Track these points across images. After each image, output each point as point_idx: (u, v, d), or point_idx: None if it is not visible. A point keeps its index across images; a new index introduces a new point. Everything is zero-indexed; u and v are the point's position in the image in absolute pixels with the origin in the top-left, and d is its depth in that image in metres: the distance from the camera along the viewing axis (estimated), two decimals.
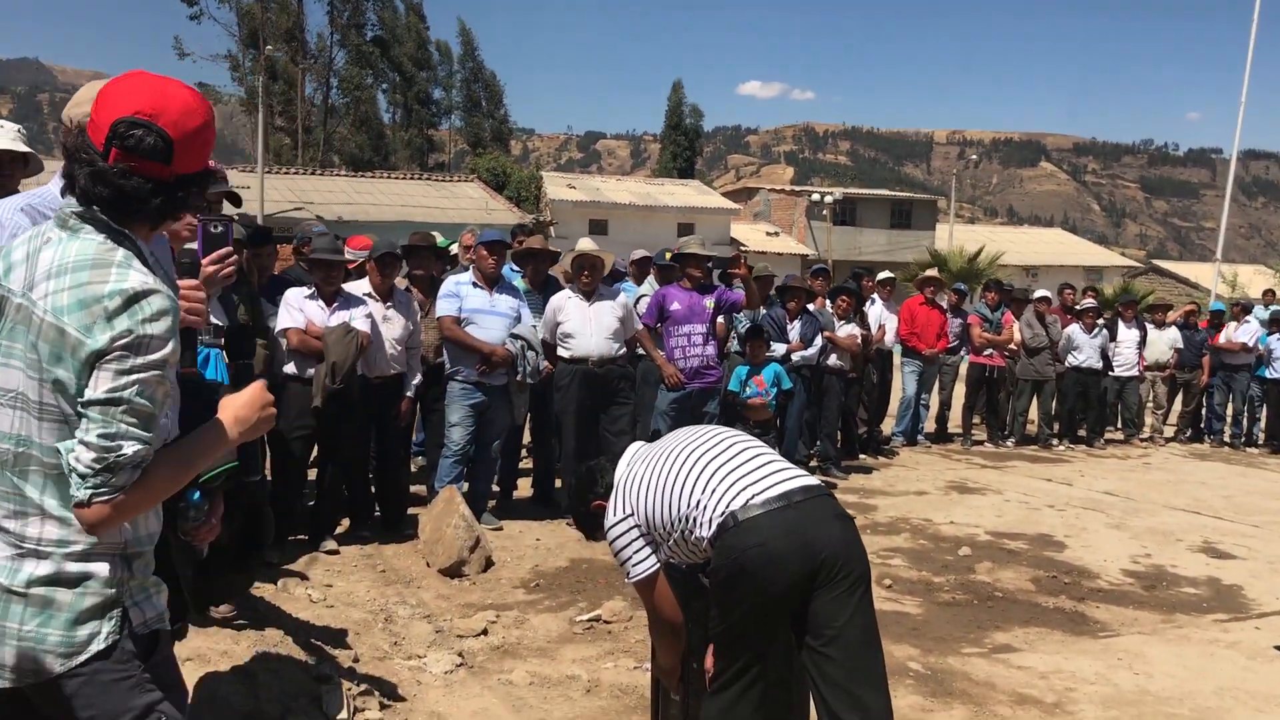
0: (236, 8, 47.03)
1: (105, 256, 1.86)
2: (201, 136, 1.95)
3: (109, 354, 1.80)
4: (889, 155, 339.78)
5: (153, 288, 1.85)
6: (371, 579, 5.87)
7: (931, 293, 11.72)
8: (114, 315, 1.81)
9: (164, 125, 1.88)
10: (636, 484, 3.19)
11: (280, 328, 6.26)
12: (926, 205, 48.85)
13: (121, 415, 1.80)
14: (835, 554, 2.87)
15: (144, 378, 1.82)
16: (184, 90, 1.96)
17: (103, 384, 1.80)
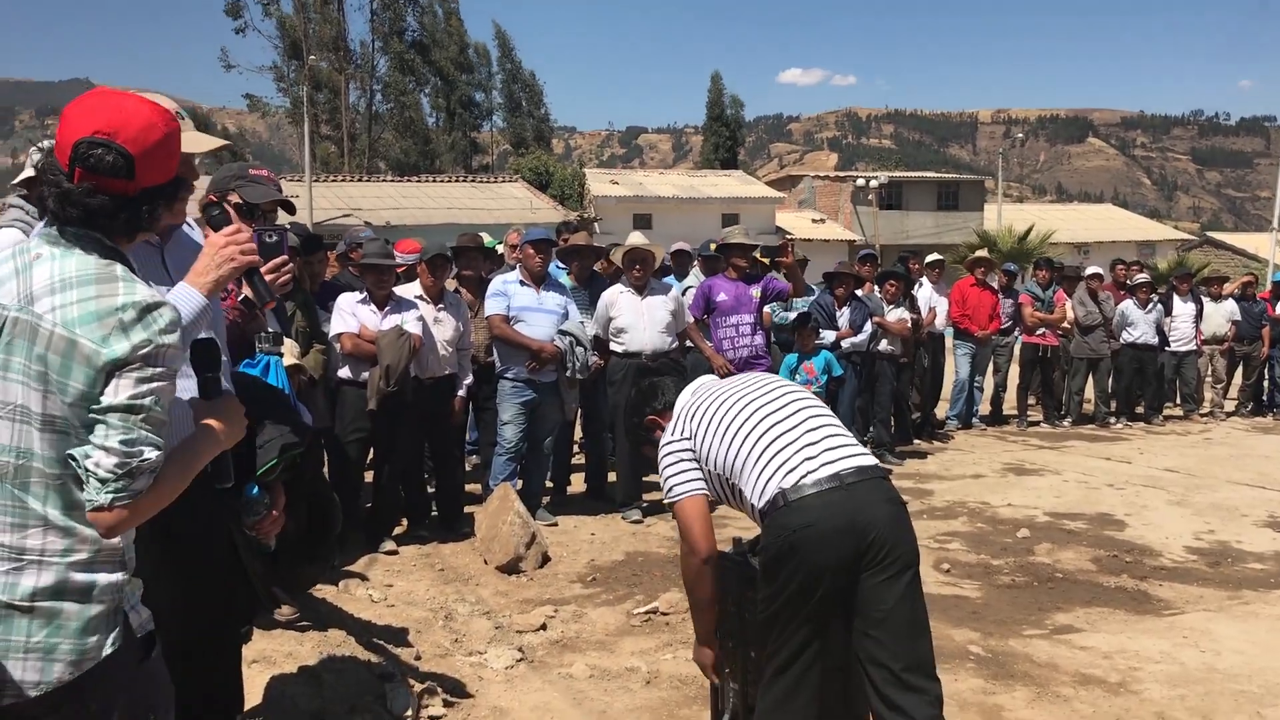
0: (279, 20, 47.59)
1: (106, 271, 1.91)
2: (164, 149, 1.99)
3: (130, 363, 1.85)
4: (933, 137, 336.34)
5: (162, 300, 1.93)
6: (430, 578, 5.94)
7: (982, 274, 11.59)
8: (130, 326, 1.86)
9: (123, 143, 1.91)
10: (698, 419, 3.20)
11: (334, 333, 6.35)
12: (973, 186, 48.27)
13: (141, 422, 1.86)
14: (884, 536, 2.87)
15: (161, 386, 1.89)
16: (143, 105, 1.99)
17: (124, 392, 1.85)
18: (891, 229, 42.83)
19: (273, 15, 47.69)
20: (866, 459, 3.02)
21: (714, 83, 59.13)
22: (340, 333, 6.35)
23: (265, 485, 2.79)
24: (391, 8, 49.52)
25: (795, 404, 3.15)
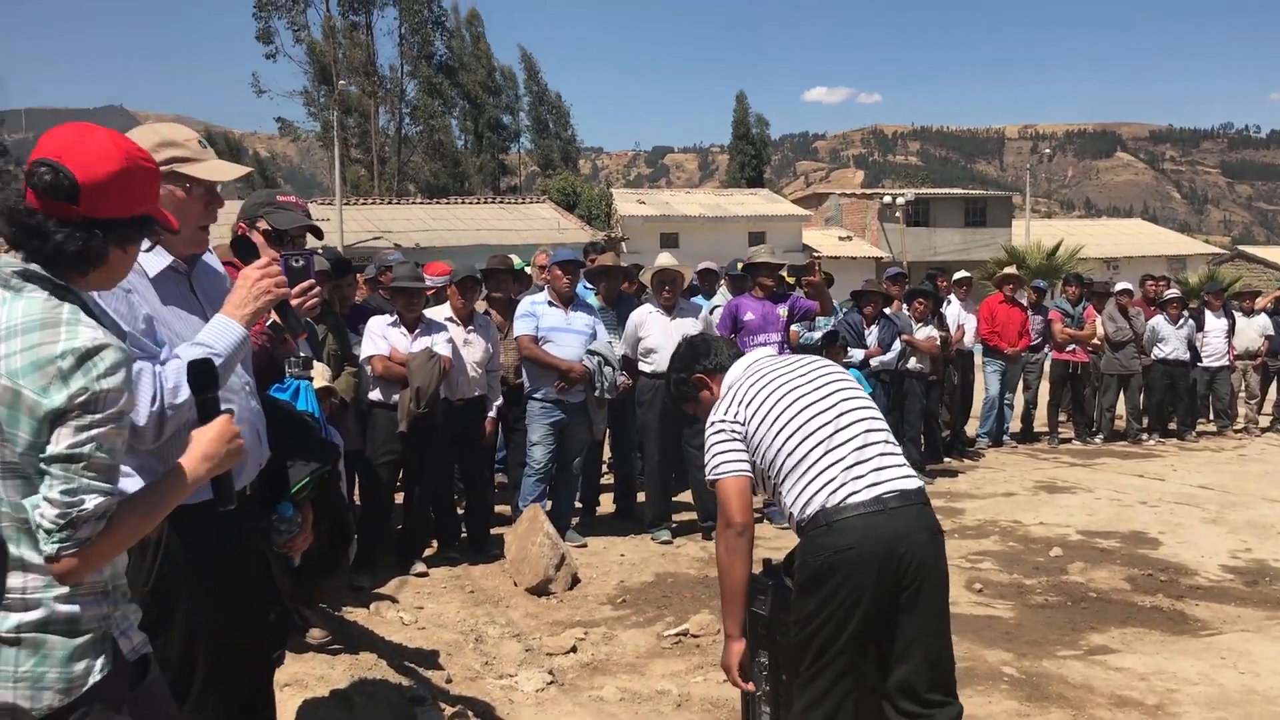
0: (308, 45, 48.07)
1: (53, 315, 1.88)
2: (121, 182, 1.95)
3: (68, 412, 1.84)
4: (960, 153, 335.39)
5: (104, 342, 1.89)
6: (461, 600, 5.95)
7: (1011, 290, 11.54)
8: (69, 374, 1.84)
9: (70, 166, 1.90)
10: (753, 408, 3.16)
11: (365, 355, 6.39)
12: (1001, 202, 48.06)
13: (81, 471, 1.84)
14: (921, 564, 2.92)
15: (102, 433, 1.87)
16: (106, 138, 1.98)
17: (63, 441, 1.84)
18: (919, 246, 42.70)
19: (303, 41, 48.22)
20: (911, 481, 3.04)
21: (739, 102, 59.26)
22: (371, 355, 6.39)
23: (296, 504, 2.84)
24: (420, 32, 49.93)
25: (851, 410, 3.12)
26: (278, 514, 2.80)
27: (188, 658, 2.61)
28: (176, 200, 2.55)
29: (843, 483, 2.97)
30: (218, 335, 2.47)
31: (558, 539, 6.29)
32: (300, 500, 2.86)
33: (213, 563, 2.64)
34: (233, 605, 2.69)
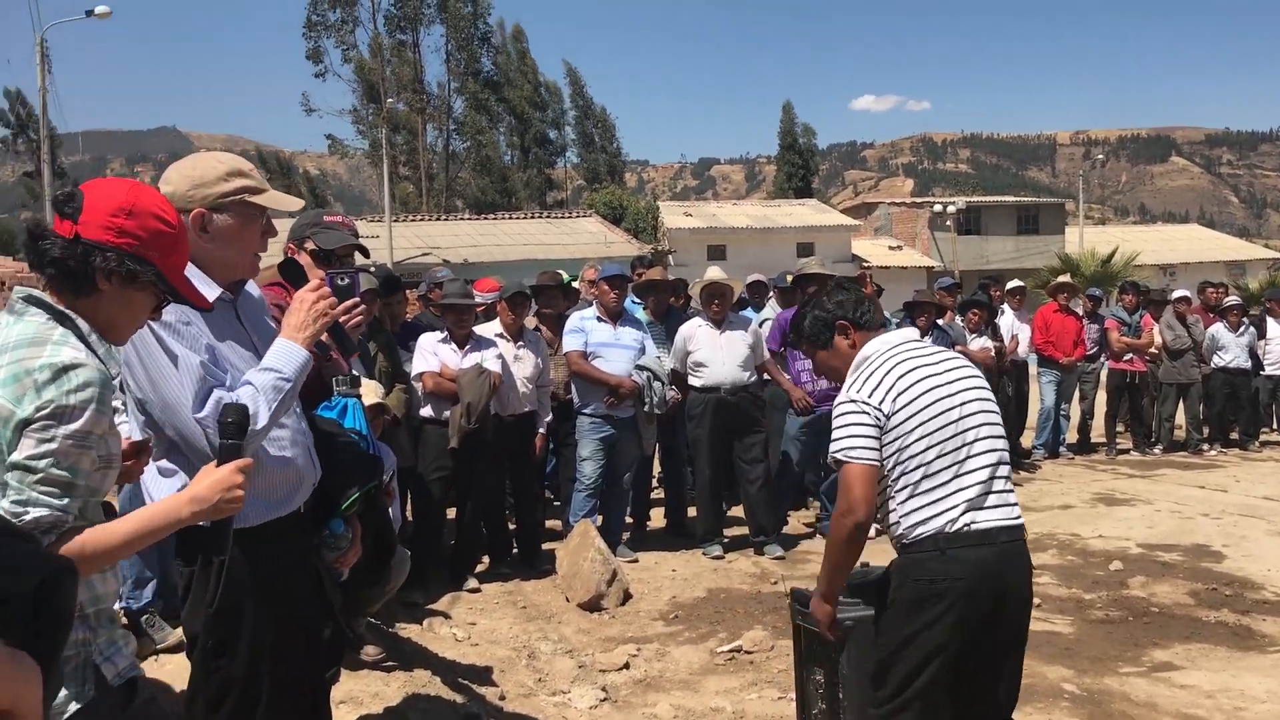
0: (356, 64, 48.67)
1: (44, 334, 1.93)
2: (120, 218, 2.01)
3: (33, 423, 1.85)
4: (1011, 160, 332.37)
5: (82, 362, 1.90)
6: (513, 616, 5.95)
7: (1065, 299, 11.37)
8: (42, 387, 1.86)
9: (84, 190, 2.02)
10: (900, 394, 3.04)
11: (416, 372, 6.44)
12: (1053, 209, 47.53)
13: (33, 483, 1.84)
14: (1020, 600, 3.03)
15: (62, 448, 1.86)
16: (132, 185, 2.09)
17: (24, 451, 1.84)
18: (970, 254, 42.30)
19: (351, 60, 48.84)
20: (1016, 515, 3.06)
21: (786, 112, 59.13)
22: (422, 372, 6.43)
23: (345, 520, 2.86)
24: (466, 48, 50.38)
25: (984, 431, 3.06)
26: (329, 531, 2.82)
27: (253, 678, 2.63)
28: (240, 228, 2.59)
29: (964, 511, 2.95)
30: (285, 360, 2.49)
31: (609, 554, 6.28)
32: (349, 516, 2.88)
33: (275, 582, 2.66)
34: (293, 623, 2.71)
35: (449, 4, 48.95)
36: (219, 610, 2.61)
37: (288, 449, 2.66)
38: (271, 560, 2.66)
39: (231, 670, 2.61)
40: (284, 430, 2.64)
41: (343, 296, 2.76)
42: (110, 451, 2.01)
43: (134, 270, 2.02)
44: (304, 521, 2.79)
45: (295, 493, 2.71)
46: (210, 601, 2.59)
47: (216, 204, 2.55)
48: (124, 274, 2.02)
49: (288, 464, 2.66)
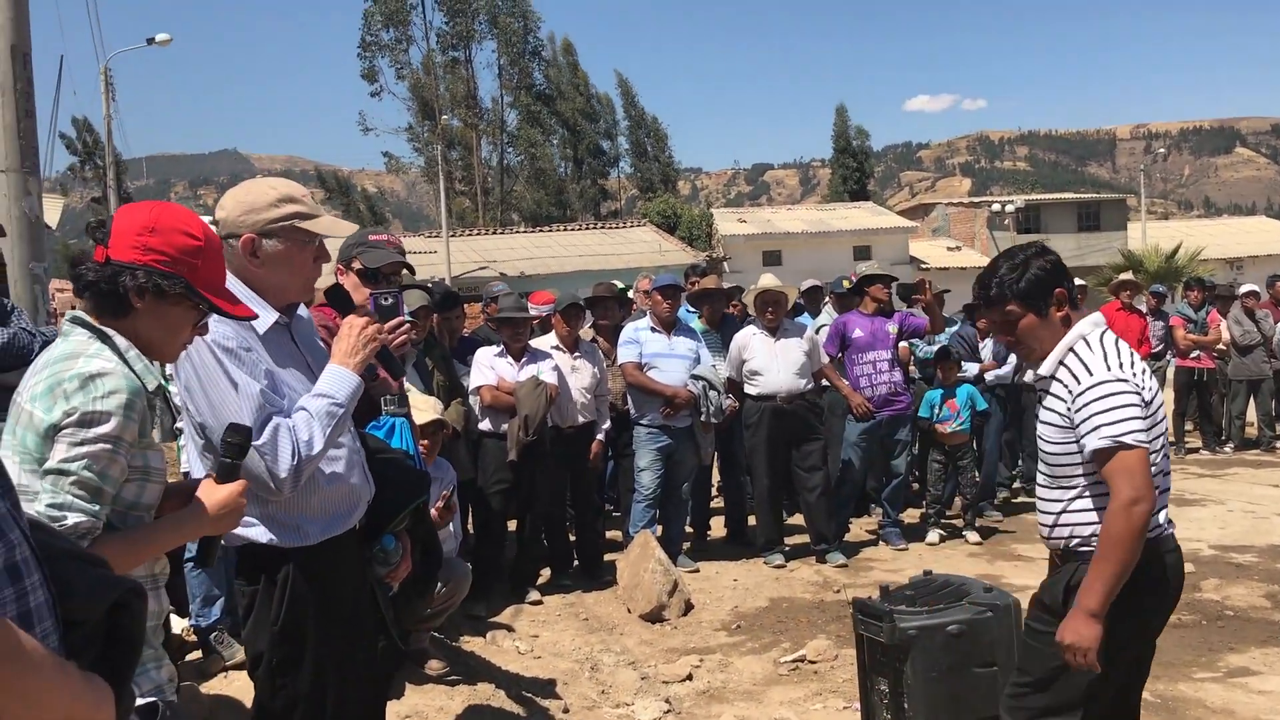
0: (411, 82, 49.25)
1: (79, 349, 2.03)
2: (145, 237, 2.08)
3: (63, 428, 1.93)
4: (1070, 156, 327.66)
5: (110, 370, 1.99)
6: (575, 628, 5.95)
7: (1128, 297, 11.16)
8: (71, 394, 1.95)
9: (116, 221, 2.11)
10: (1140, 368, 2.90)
11: (473, 386, 6.49)
12: (1115, 205, 46.72)
13: (69, 486, 1.92)
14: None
15: (92, 451, 1.94)
16: (155, 206, 2.16)
17: (56, 455, 1.93)
18: None
19: (405, 78, 49.45)
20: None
21: (839, 115, 58.73)
22: (479, 386, 6.48)
23: (396, 536, 2.90)
24: (518, 63, 50.78)
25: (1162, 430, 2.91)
26: (380, 546, 2.85)
27: (317, 694, 2.66)
28: (291, 253, 2.62)
29: (1165, 513, 2.89)
30: (338, 385, 2.55)
31: (669, 565, 6.26)
32: (399, 531, 2.92)
33: (336, 598, 2.70)
34: (354, 638, 2.74)
35: (500, 19, 49.41)
36: (283, 628, 2.66)
37: (343, 468, 2.70)
38: (332, 577, 2.70)
39: (297, 687, 2.65)
40: (340, 450, 2.69)
41: (387, 316, 2.80)
42: (149, 465, 2.08)
43: (161, 285, 2.09)
44: (359, 537, 2.82)
45: (353, 511, 2.75)
46: (274, 619, 2.65)
47: (266, 229, 2.59)
48: (153, 289, 2.08)
49: (345, 483, 2.70)
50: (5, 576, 1.36)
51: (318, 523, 2.67)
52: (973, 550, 7.41)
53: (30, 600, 1.40)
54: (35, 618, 1.40)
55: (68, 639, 1.49)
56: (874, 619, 3.83)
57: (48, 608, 1.43)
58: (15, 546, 1.38)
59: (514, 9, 50.21)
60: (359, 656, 2.77)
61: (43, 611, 1.42)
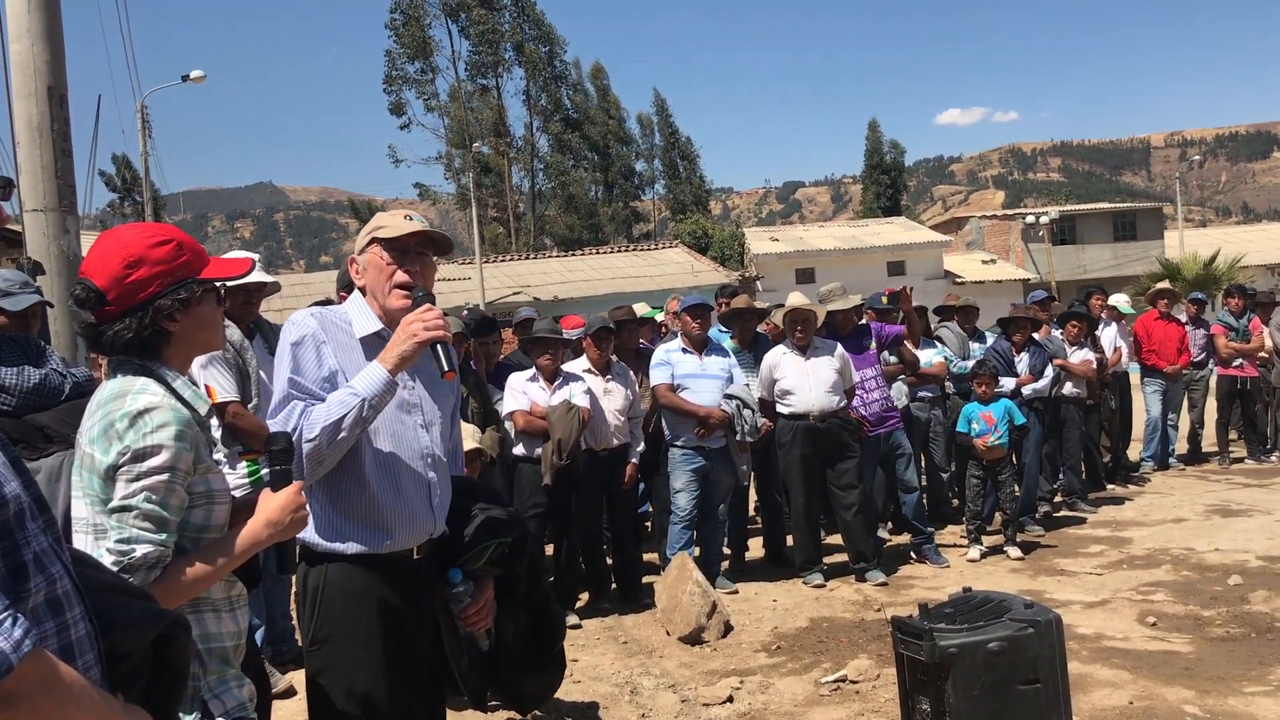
0: (440, 112, 49.72)
1: (126, 388, 2.10)
2: (128, 273, 2.12)
3: (120, 466, 2.02)
4: (1104, 166, 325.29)
5: (158, 405, 2.06)
6: (615, 651, 5.94)
7: (1166, 306, 11.03)
8: (123, 433, 2.03)
9: (91, 277, 2.14)
10: None
11: (506, 411, 6.51)
12: (1151, 214, 46.24)
13: (133, 520, 2.00)
14: None
15: (150, 484, 2.02)
16: (109, 243, 2.18)
17: (118, 493, 2.01)
18: (1067, 264, 41.40)
19: (434, 110, 49.94)
20: None
21: (872, 130, 58.70)
22: (512, 411, 6.50)
23: (472, 574, 2.84)
24: (546, 89, 51.14)
25: None
26: (446, 579, 2.81)
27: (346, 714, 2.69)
28: (374, 265, 2.82)
29: None
30: (364, 379, 2.65)
31: (708, 586, 6.24)
32: (477, 571, 2.84)
33: (372, 618, 2.71)
34: (392, 665, 2.74)
35: (525, 47, 49.81)
36: (314, 641, 2.73)
37: (380, 482, 2.74)
38: (366, 595, 2.72)
39: (328, 708, 2.70)
40: (399, 467, 2.75)
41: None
42: (211, 488, 2.15)
43: (183, 297, 2.18)
44: (417, 564, 2.81)
45: (394, 532, 2.75)
46: (307, 631, 2.73)
47: (362, 251, 2.85)
48: (180, 303, 2.17)
49: (381, 496, 2.73)
50: (47, 609, 1.39)
51: (353, 529, 2.72)
52: (1014, 566, 7.33)
53: (72, 633, 1.42)
54: (77, 650, 1.42)
55: (114, 672, 1.52)
56: (914, 638, 3.79)
57: (90, 640, 1.45)
58: (57, 580, 1.41)
59: (538, 35, 50.63)
60: (398, 684, 2.75)
61: (84, 644, 1.44)
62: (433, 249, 2.86)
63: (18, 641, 1.23)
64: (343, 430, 2.59)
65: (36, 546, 1.38)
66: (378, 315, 2.82)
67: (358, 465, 2.72)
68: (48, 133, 5.79)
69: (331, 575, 2.73)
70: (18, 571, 1.34)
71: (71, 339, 5.80)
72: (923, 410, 8.67)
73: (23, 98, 5.79)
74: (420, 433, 2.83)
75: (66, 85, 5.96)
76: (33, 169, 5.79)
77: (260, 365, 4.91)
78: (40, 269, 5.66)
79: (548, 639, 3.06)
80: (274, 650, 5.42)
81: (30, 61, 5.77)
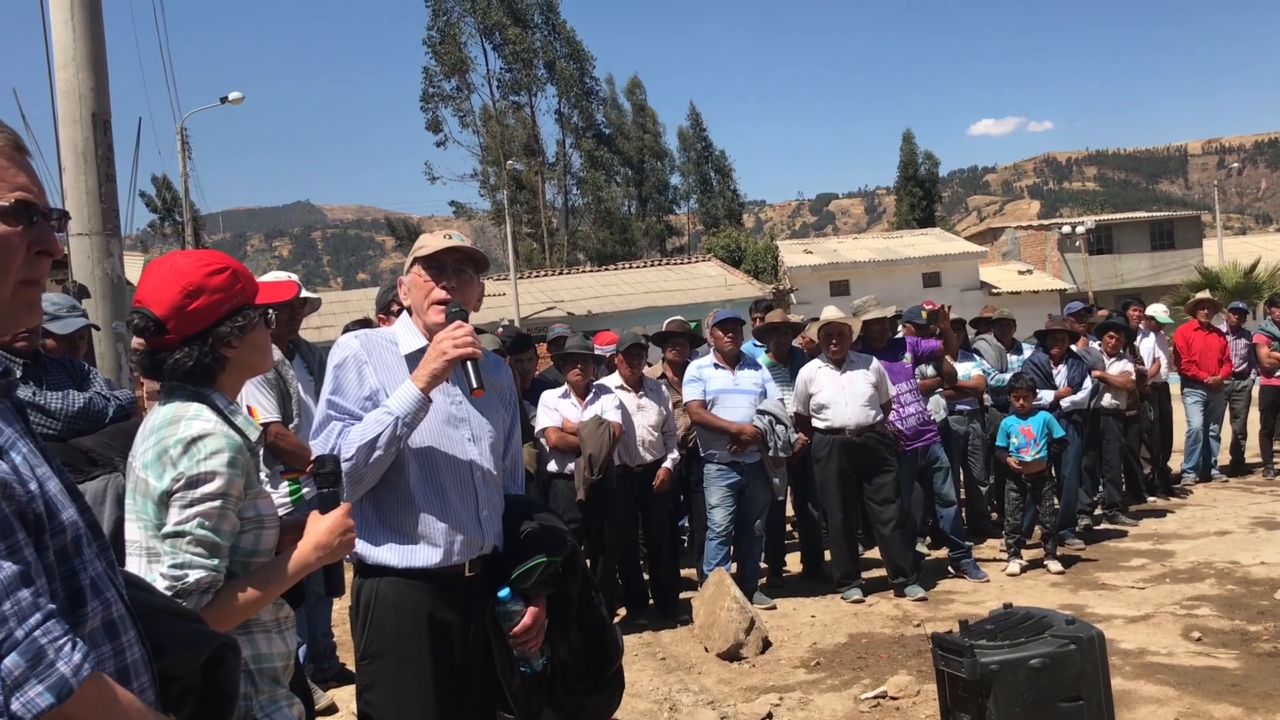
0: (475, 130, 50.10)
1: (179, 413, 2.14)
2: (188, 302, 2.16)
3: (173, 493, 2.06)
4: (1140, 175, 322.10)
5: (210, 431, 2.10)
6: (653, 667, 5.94)
7: (1206, 316, 10.91)
8: (177, 460, 2.07)
9: (149, 306, 2.16)
10: None
11: (539, 428, 6.55)
12: (1189, 222, 45.76)
13: (186, 546, 2.04)
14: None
15: (203, 510, 2.05)
16: (166, 270, 2.20)
17: (171, 519, 2.05)
18: (1104, 274, 41.03)
19: (469, 127, 50.32)
20: None
21: (906, 142, 58.56)
22: (544, 427, 6.54)
23: (523, 593, 2.83)
24: (578, 105, 51.38)
25: None
26: (496, 598, 2.81)
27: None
28: (415, 283, 2.88)
29: None
30: (398, 398, 2.69)
31: (745, 602, 6.23)
32: (529, 590, 2.83)
33: (417, 632, 2.74)
34: (442, 682, 2.76)
35: (557, 64, 50.10)
36: (363, 655, 2.77)
37: (435, 498, 2.77)
38: (417, 612, 2.74)
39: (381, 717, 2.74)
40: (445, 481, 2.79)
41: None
42: (260, 513, 2.18)
43: (240, 324, 2.22)
44: (471, 585, 2.82)
45: (445, 546, 2.77)
46: (357, 645, 2.77)
47: (407, 272, 2.91)
48: (239, 330, 2.22)
49: (423, 511, 2.76)
50: (103, 633, 1.42)
51: (401, 542, 2.76)
52: (1055, 580, 7.26)
53: (127, 656, 1.45)
54: (133, 673, 1.45)
55: (166, 694, 1.55)
56: (954, 654, 3.77)
57: (144, 663, 1.49)
58: (112, 604, 1.44)
59: (569, 53, 50.90)
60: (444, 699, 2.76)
61: (139, 667, 1.47)
62: (471, 265, 2.90)
63: (77, 665, 1.27)
64: (378, 449, 2.63)
65: (93, 571, 1.42)
66: (421, 332, 2.87)
67: (404, 479, 2.76)
68: (92, 158, 5.90)
69: (382, 591, 2.75)
70: (75, 596, 1.38)
71: (116, 361, 5.89)
72: (961, 423, 8.61)
73: (68, 124, 5.91)
74: (468, 446, 2.84)
75: (110, 112, 6.07)
76: (78, 194, 5.90)
77: (299, 384, 4.98)
78: (85, 292, 5.76)
79: (603, 659, 3.03)
80: (315, 667, 5.47)
81: (75, 89, 5.89)
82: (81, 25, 5.88)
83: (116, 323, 5.97)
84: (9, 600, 1.23)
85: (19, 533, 1.29)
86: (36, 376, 3.85)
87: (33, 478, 1.36)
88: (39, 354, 3.99)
